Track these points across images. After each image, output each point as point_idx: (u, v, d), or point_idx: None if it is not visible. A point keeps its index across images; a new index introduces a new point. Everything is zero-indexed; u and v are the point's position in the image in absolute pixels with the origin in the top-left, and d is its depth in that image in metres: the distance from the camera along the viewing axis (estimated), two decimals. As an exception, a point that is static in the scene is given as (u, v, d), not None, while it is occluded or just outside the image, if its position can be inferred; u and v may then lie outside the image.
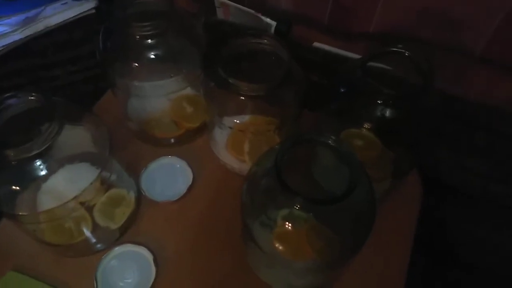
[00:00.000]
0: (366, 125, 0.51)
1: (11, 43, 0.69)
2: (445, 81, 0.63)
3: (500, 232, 0.69)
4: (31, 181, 0.47)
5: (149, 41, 0.52)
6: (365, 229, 0.44)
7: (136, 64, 0.54)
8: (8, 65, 0.72)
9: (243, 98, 0.52)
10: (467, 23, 0.59)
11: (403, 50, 0.48)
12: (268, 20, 0.69)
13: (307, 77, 0.65)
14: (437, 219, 0.72)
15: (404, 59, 0.49)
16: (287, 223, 0.45)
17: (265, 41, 0.53)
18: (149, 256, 0.55)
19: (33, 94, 0.43)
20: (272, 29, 0.69)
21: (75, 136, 0.49)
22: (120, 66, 0.54)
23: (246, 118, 0.57)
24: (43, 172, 0.45)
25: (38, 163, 0.44)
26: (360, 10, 0.66)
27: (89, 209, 0.53)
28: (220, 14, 0.74)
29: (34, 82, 0.77)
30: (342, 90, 0.51)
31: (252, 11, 0.69)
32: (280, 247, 0.46)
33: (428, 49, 0.63)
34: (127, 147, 0.66)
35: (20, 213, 0.48)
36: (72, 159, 0.51)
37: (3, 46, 0.69)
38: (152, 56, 0.53)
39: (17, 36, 0.69)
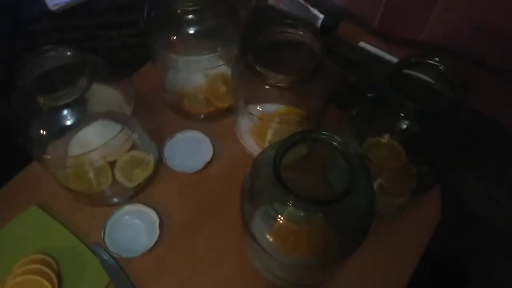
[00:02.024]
0: (385, 135, 0.50)
1: (73, 0, 0.74)
2: (490, 105, 0.59)
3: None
4: (63, 130, 0.51)
5: (190, 16, 0.54)
6: (361, 232, 0.44)
7: (175, 37, 0.56)
8: (68, 21, 0.77)
9: (268, 87, 0.52)
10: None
11: (438, 64, 0.45)
12: (316, 12, 0.68)
13: (344, 76, 0.65)
14: (456, 248, 0.69)
15: (440, 73, 0.47)
16: (282, 217, 0.45)
17: (301, 32, 0.52)
18: (156, 219, 0.58)
19: (71, 49, 0.46)
20: (319, 22, 0.68)
21: (108, 95, 0.53)
22: (160, 38, 0.57)
23: (272, 107, 0.58)
24: (71, 122, 0.48)
25: (66, 112, 0.47)
26: (412, 16, 0.63)
27: (111, 164, 0.57)
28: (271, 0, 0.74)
29: (90, 39, 0.83)
30: (369, 95, 0.50)
31: (302, 1, 0.69)
32: (271, 239, 0.46)
33: (477, 70, 0.60)
34: (159, 115, 0.69)
35: (49, 156, 0.52)
36: (104, 116, 0.54)
37: (66, 2, 0.74)
38: (190, 32, 0.55)
39: (81, -6, 0.74)
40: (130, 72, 0.76)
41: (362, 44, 0.68)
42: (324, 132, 0.40)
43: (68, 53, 0.46)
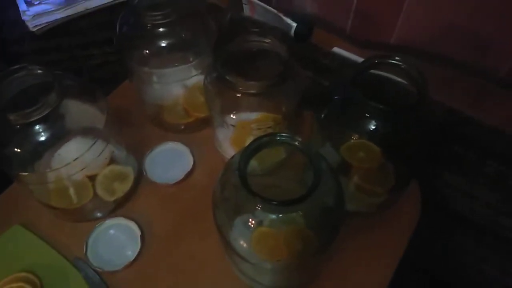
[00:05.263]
0: (354, 136, 0.50)
1: (53, 21, 0.75)
2: (464, 104, 0.60)
3: (507, 268, 0.64)
4: (38, 146, 0.51)
5: (160, 29, 0.55)
6: (334, 228, 0.44)
7: (147, 51, 0.57)
8: (50, 41, 0.79)
9: (239, 95, 0.53)
10: (493, 45, 0.56)
11: (400, 63, 0.46)
12: (289, 21, 0.69)
13: (318, 81, 0.66)
14: (440, 247, 0.69)
15: (403, 71, 0.48)
16: (258, 222, 0.46)
17: (268, 40, 0.53)
18: (137, 231, 0.58)
19: (40, 68, 0.47)
20: (293, 31, 0.70)
21: (81, 110, 0.54)
22: (134, 53, 0.58)
23: (246, 115, 0.59)
24: (45, 138, 0.49)
25: (38, 128, 0.48)
26: (381, 20, 0.64)
27: (92, 180, 0.58)
28: (246, 11, 0.75)
29: (73, 59, 0.84)
30: (335, 98, 0.51)
31: (275, 11, 0.70)
32: (250, 246, 0.46)
33: (448, 69, 0.61)
34: (138, 129, 0.70)
35: (26, 173, 0.53)
36: (82, 132, 0.55)
37: (47, 22, 0.75)
38: (162, 45, 0.56)
39: (59, 15, 0.75)
40: (113, 88, 0.77)
41: (336, 49, 0.69)
42: (284, 135, 0.41)
43: (39, 71, 0.48)
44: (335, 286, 0.55)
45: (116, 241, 0.58)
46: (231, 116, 0.57)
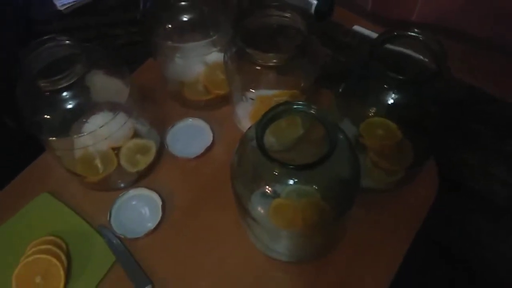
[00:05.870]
0: (373, 109, 0.51)
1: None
2: (485, 81, 0.59)
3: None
4: (66, 113, 0.54)
5: (182, 3, 0.57)
6: (348, 200, 0.45)
7: (170, 26, 0.58)
8: (76, 20, 0.81)
9: (258, 67, 0.54)
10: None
11: (418, 35, 0.46)
12: (309, -2, 0.69)
13: (336, 58, 0.66)
14: (457, 225, 0.68)
15: (421, 44, 0.48)
16: (277, 194, 0.47)
17: (288, 14, 0.54)
18: (159, 201, 0.60)
19: (68, 39, 0.49)
20: (313, 8, 0.70)
21: (107, 82, 0.56)
22: (157, 27, 0.60)
23: (265, 91, 0.59)
24: (72, 106, 0.51)
25: (66, 94, 0.50)
26: (403, -4, 0.64)
27: (116, 152, 0.60)
28: (267, -11, 0.76)
29: (100, 38, 0.86)
30: (353, 71, 0.51)
31: (295, -12, 0.70)
32: (268, 216, 0.47)
33: (470, 46, 0.60)
34: (161, 106, 0.72)
35: (54, 138, 0.55)
36: (108, 107, 0.57)
37: (74, 1, 0.78)
38: (184, 19, 0.58)
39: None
40: (137, 67, 0.79)
41: (356, 27, 0.69)
42: (300, 103, 0.41)
43: (67, 42, 0.50)
44: (349, 261, 0.56)
45: (138, 210, 0.61)
46: (251, 90, 0.58)
